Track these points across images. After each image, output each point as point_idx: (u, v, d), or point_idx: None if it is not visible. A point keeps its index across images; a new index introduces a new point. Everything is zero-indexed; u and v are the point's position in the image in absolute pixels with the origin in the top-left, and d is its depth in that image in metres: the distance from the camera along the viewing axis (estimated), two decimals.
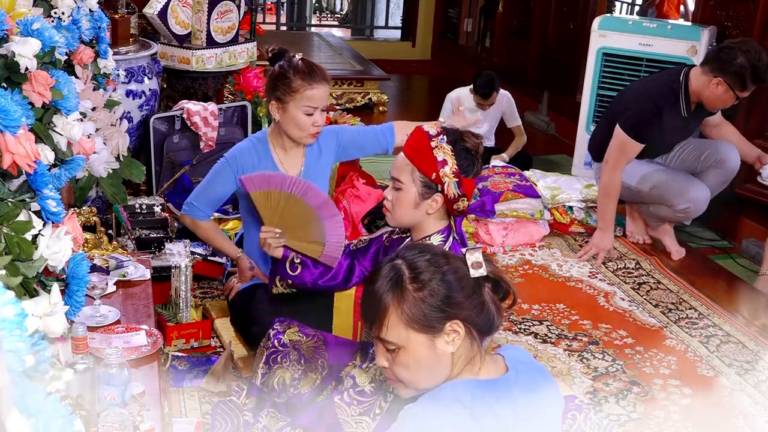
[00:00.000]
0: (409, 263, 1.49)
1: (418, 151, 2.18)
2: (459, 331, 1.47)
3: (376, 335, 1.48)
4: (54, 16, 2.27)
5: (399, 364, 1.48)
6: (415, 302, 1.45)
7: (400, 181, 2.20)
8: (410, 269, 1.48)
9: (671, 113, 3.82)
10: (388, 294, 1.46)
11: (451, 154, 2.16)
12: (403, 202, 2.20)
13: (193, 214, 2.90)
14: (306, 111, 2.74)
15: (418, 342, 1.46)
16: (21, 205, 1.56)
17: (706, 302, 3.68)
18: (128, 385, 1.85)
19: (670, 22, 5.00)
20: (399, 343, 1.46)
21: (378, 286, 1.48)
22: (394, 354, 1.48)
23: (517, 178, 4.47)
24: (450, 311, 1.46)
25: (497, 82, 5.21)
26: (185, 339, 2.94)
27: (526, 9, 7.85)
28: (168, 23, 4.19)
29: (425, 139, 2.18)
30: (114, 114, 2.89)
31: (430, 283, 1.46)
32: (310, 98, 2.73)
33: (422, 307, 1.45)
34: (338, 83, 7.35)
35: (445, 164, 2.15)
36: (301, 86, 2.72)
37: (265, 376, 2.29)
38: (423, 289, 1.46)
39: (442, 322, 1.46)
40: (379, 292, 1.47)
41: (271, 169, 2.86)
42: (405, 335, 1.46)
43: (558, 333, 3.34)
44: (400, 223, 2.27)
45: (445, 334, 1.47)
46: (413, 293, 1.45)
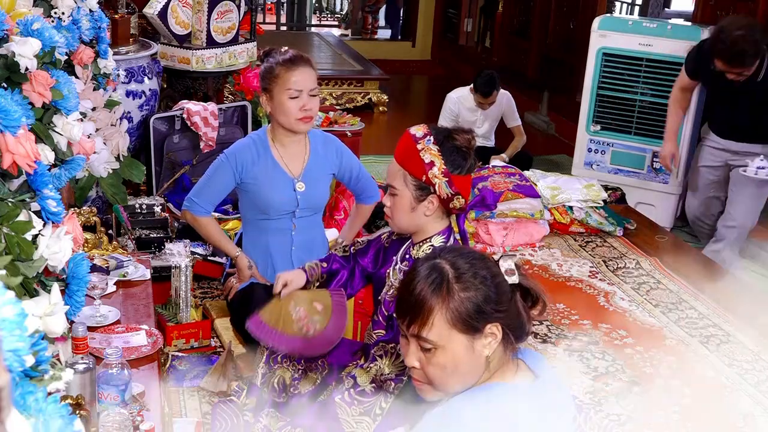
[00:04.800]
0: (451, 263, 1.48)
1: (407, 155, 2.18)
2: (497, 334, 1.47)
3: (416, 334, 1.46)
4: (54, 16, 2.27)
5: (434, 365, 1.46)
6: (461, 302, 1.45)
7: (395, 187, 2.20)
8: (453, 269, 1.47)
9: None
10: (433, 293, 1.45)
11: (438, 154, 2.15)
12: (400, 207, 2.20)
13: (194, 210, 2.90)
14: (289, 95, 2.76)
15: (459, 342, 1.45)
16: (21, 205, 1.56)
17: (706, 302, 3.68)
18: (128, 385, 1.85)
19: (670, 22, 5.00)
20: (439, 343, 1.45)
21: (420, 285, 1.47)
22: (430, 354, 1.46)
23: (517, 178, 4.47)
24: (491, 313, 1.46)
25: (498, 81, 5.22)
26: (185, 339, 2.94)
27: (526, 9, 7.85)
28: (168, 23, 4.19)
29: (412, 142, 2.17)
30: (114, 114, 2.89)
31: (474, 283, 1.46)
32: (292, 82, 2.76)
33: (468, 306, 1.45)
34: (338, 83, 7.35)
35: (432, 165, 2.15)
36: (282, 71, 2.76)
37: (265, 376, 2.29)
38: (469, 289, 1.45)
39: (483, 324, 1.46)
40: (422, 292, 1.46)
41: (270, 166, 2.86)
42: (447, 335, 1.45)
43: (558, 333, 3.34)
44: (400, 227, 2.26)
45: (484, 336, 1.46)
46: (459, 293, 1.45)
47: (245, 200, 2.94)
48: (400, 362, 2.12)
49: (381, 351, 2.16)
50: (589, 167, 5.12)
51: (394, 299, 2.21)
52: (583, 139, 5.14)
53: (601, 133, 5.08)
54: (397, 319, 1.52)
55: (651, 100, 4.89)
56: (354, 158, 3.05)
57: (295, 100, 2.76)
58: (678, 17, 5.86)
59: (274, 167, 2.86)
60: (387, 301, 2.25)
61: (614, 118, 5.03)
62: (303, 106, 2.77)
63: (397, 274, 2.25)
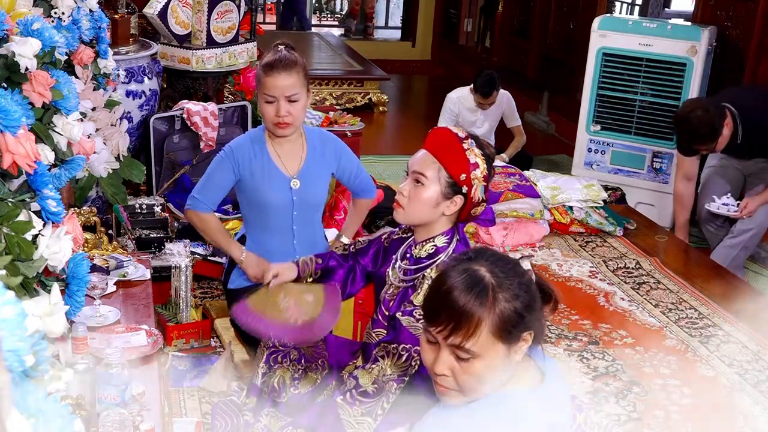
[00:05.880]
0: (490, 271, 1.42)
1: (448, 151, 2.14)
2: (528, 340, 1.44)
3: (457, 344, 1.39)
4: (54, 16, 2.27)
5: (470, 373, 1.41)
6: (506, 311, 1.40)
7: (425, 176, 2.14)
8: (493, 276, 1.41)
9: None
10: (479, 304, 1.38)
11: (483, 158, 2.16)
12: (423, 198, 2.15)
13: (197, 207, 2.89)
14: (265, 99, 2.74)
15: (498, 351, 1.40)
16: (21, 205, 1.56)
17: (706, 302, 3.68)
18: (128, 385, 1.85)
19: (670, 22, 5.00)
20: (479, 353, 1.39)
21: (462, 295, 1.39)
22: (466, 363, 1.40)
23: (517, 178, 4.47)
24: (530, 320, 1.43)
25: (497, 81, 5.21)
26: (185, 339, 2.94)
27: (526, 9, 7.85)
28: (168, 23, 4.19)
29: (456, 140, 2.15)
30: (114, 114, 2.89)
31: (515, 292, 1.41)
32: (267, 87, 2.73)
33: (513, 316, 1.40)
34: (338, 83, 7.35)
35: (477, 167, 2.14)
36: (262, 75, 2.74)
37: (265, 376, 2.29)
38: (511, 299, 1.40)
39: (522, 331, 1.42)
40: (465, 302, 1.39)
41: (266, 164, 2.84)
42: (489, 345, 1.39)
43: (558, 333, 3.34)
44: (411, 219, 2.20)
45: (518, 343, 1.43)
46: (503, 303, 1.40)
47: (244, 200, 2.93)
48: (402, 363, 2.12)
49: (383, 352, 2.15)
50: (589, 167, 5.13)
51: (394, 298, 2.20)
52: (583, 139, 5.15)
53: (601, 133, 5.08)
54: (428, 326, 1.44)
55: (651, 100, 4.89)
56: (353, 156, 3.04)
57: (271, 105, 2.73)
58: (678, 17, 5.85)
59: (269, 165, 2.85)
60: (387, 300, 2.24)
61: (614, 118, 5.03)
62: (277, 112, 2.73)
63: (396, 272, 2.25)
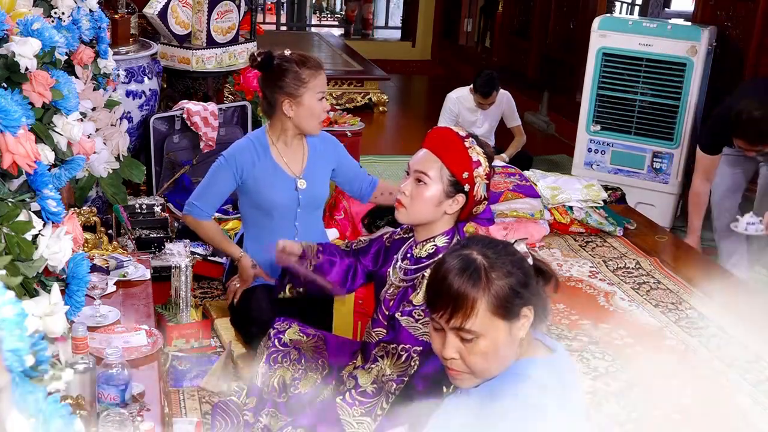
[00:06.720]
0: (481, 253, 1.51)
1: (450, 149, 2.14)
2: (529, 315, 1.52)
3: (458, 326, 1.48)
4: (54, 16, 2.27)
5: (476, 354, 1.49)
6: (501, 289, 1.48)
7: (427, 175, 2.14)
8: (485, 258, 1.50)
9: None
10: (472, 285, 1.47)
11: (484, 156, 2.17)
12: (425, 197, 2.15)
13: (195, 214, 2.90)
14: (319, 97, 2.83)
15: (499, 329, 1.49)
16: (21, 205, 1.56)
17: (706, 302, 3.68)
18: (128, 385, 1.85)
19: (670, 22, 5.00)
20: (481, 332, 1.48)
21: (456, 278, 1.48)
22: (471, 344, 1.49)
23: (517, 178, 4.47)
24: (527, 296, 1.51)
25: (497, 81, 5.21)
26: (185, 339, 2.94)
27: (526, 9, 7.86)
28: (168, 23, 4.19)
29: (457, 138, 2.15)
30: (114, 114, 2.89)
31: (507, 269, 1.50)
32: (321, 85, 2.83)
33: (507, 292, 1.48)
34: (338, 83, 7.35)
35: (479, 165, 2.15)
36: (311, 76, 2.80)
37: (265, 376, 2.29)
38: (504, 276, 1.49)
39: (520, 308, 1.50)
40: (459, 285, 1.48)
41: (270, 167, 2.86)
42: (489, 323, 1.48)
43: (558, 333, 3.34)
44: (413, 219, 2.20)
45: (519, 319, 1.51)
46: (496, 281, 1.48)
47: (246, 200, 2.94)
48: (402, 363, 2.12)
49: (382, 352, 2.16)
50: (589, 167, 5.13)
51: (394, 298, 2.21)
52: (583, 139, 5.15)
53: (601, 133, 5.08)
54: (431, 314, 1.53)
55: (651, 100, 4.89)
56: (350, 156, 3.10)
57: (322, 102, 2.85)
58: (678, 17, 5.85)
59: (274, 168, 2.86)
60: (387, 299, 2.24)
61: (614, 118, 5.03)
62: (325, 107, 2.87)
63: (397, 272, 2.25)
